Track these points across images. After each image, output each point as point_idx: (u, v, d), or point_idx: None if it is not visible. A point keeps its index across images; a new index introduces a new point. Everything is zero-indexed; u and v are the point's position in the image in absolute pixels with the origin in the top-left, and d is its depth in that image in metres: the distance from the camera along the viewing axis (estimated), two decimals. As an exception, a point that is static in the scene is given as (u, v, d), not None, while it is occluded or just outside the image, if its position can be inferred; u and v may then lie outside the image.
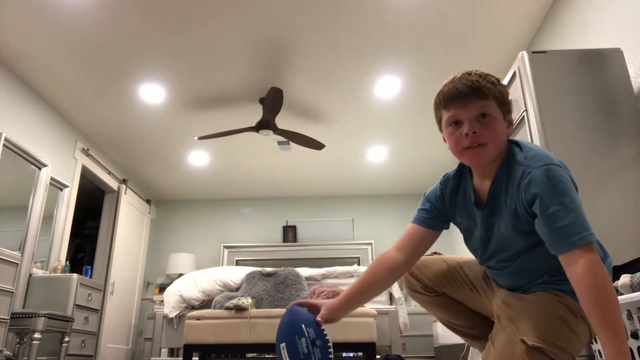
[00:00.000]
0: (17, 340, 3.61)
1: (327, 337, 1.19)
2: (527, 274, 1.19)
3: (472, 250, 1.32)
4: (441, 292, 1.39)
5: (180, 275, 5.52)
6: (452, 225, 1.36)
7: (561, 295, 1.12)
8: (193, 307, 4.04)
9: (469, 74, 1.13)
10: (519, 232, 1.14)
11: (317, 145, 4.65)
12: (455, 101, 1.12)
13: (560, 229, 1.01)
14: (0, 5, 3.22)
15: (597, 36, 2.75)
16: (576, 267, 0.98)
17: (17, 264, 3.22)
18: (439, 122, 1.21)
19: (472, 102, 1.10)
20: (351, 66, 3.94)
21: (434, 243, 1.34)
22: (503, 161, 1.16)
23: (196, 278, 4.24)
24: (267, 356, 4.03)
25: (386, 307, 3.86)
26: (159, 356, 4.42)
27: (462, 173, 1.27)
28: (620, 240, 1.96)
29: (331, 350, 1.19)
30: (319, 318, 1.24)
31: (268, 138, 4.94)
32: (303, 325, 1.20)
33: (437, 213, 1.30)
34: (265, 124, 4.23)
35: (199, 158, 5.61)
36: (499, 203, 1.17)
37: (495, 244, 1.21)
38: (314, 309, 1.29)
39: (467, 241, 1.31)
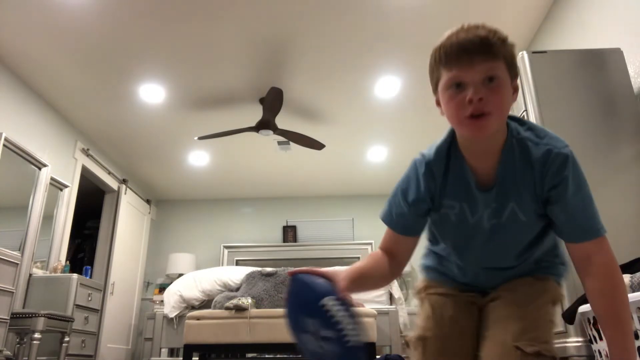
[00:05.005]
0: (17, 340, 3.61)
1: (339, 327, 0.90)
2: (526, 262, 1.12)
3: (457, 238, 1.12)
4: None
5: (180, 275, 5.52)
6: None
7: (546, 280, 1.11)
8: (193, 307, 4.04)
9: (477, 27, 0.94)
10: (539, 216, 1.04)
11: (317, 145, 4.64)
12: (459, 58, 0.94)
13: (589, 216, 0.97)
14: (0, 5, 3.22)
15: (597, 36, 2.74)
16: (598, 258, 0.95)
17: (17, 264, 3.22)
18: (435, 83, 1.02)
19: (479, 61, 0.92)
20: (351, 66, 3.94)
21: None
22: (508, 136, 1.02)
23: (196, 278, 4.24)
24: (267, 356, 4.03)
25: (386, 307, 3.86)
26: (159, 356, 4.41)
27: (451, 148, 1.07)
28: (620, 240, 1.96)
29: (349, 339, 0.90)
30: (342, 291, 0.96)
31: (268, 138, 4.94)
32: (303, 314, 0.95)
33: (419, 212, 1.10)
34: (265, 124, 4.23)
35: (199, 158, 5.61)
36: (511, 185, 1.02)
37: (506, 232, 1.07)
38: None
39: (453, 228, 1.11)
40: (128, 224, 5.87)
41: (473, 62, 0.92)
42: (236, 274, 4.18)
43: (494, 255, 1.11)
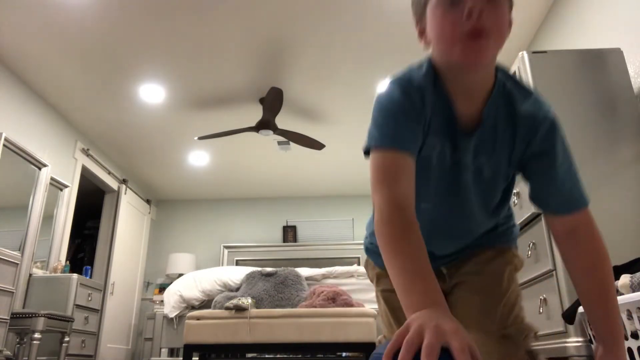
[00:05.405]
0: (17, 340, 3.61)
1: None
2: (486, 227, 1.03)
3: (432, 187, 0.95)
4: None
5: (180, 275, 5.52)
6: None
7: (507, 250, 1.05)
8: (193, 307, 4.03)
9: None
10: (504, 179, 0.97)
11: (317, 145, 4.65)
12: None
13: (576, 184, 0.91)
14: (1, 5, 3.22)
15: (597, 36, 2.74)
16: (586, 229, 0.90)
17: (17, 264, 3.22)
18: (423, 6, 0.90)
19: None
20: (351, 66, 3.94)
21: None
22: (497, 81, 0.90)
23: (196, 278, 4.24)
24: (267, 356, 4.03)
25: (386, 307, 3.86)
26: (159, 356, 4.42)
27: (433, 82, 0.90)
28: (620, 240, 1.96)
29: None
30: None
31: (268, 138, 4.94)
32: None
33: (419, 130, 0.89)
34: (265, 124, 4.24)
35: (199, 158, 5.61)
36: (489, 137, 0.91)
37: (471, 188, 0.95)
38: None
39: (433, 172, 0.94)
40: (128, 224, 5.87)
41: None
42: (236, 274, 4.18)
43: (458, 214, 0.99)
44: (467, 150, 0.91)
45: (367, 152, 0.91)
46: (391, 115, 0.88)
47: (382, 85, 0.94)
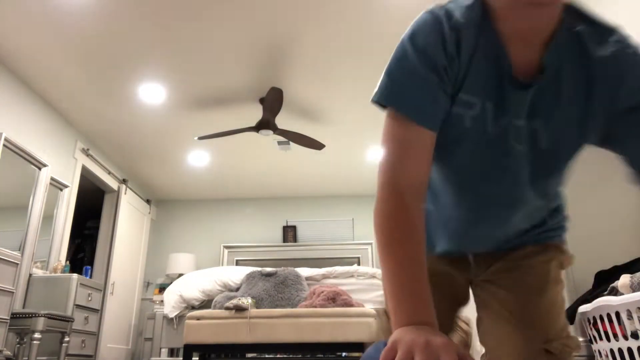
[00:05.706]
0: (17, 340, 3.61)
1: None
2: (531, 217, 0.87)
3: (464, 159, 0.78)
4: None
5: (180, 275, 5.52)
6: None
7: (553, 246, 0.91)
8: (193, 307, 4.03)
9: None
10: (568, 152, 0.78)
11: (317, 145, 4.65)
12: None
13: None
14: (1, 5, 3.22)
15: (597, 36, 2.74)
16: None
17: (17, 264, 3.22)
18: None
19: None
20: (351, 66, 3.94)
21: None
22: (563, 22, 0.70)
23: (196, 278, 4.24)
24: (267, 356, 4.03)
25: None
26: (159, 356, 4.43)
27: (482, 20, 0.71)
28: (620, 240, 1.96)
29: None
30: None
31: (268, 138, 4.94)
32: None
33: (445, 91, 0.72)
34: (265, 124, 4.24)
35: (199, 158, 5.61)
36: (555, 88, 0.72)
37: (542, 161, 0.77)
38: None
39: (465, 140, 0.76)
40: (128, 224, 5.87)
41: None
42: (236, 274, 4.18)
43: (499, 202, 0.82)
44: (520, 108, 0.72)
45: (375, 101, 0.77)
46: (412, 69, 0.71)
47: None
